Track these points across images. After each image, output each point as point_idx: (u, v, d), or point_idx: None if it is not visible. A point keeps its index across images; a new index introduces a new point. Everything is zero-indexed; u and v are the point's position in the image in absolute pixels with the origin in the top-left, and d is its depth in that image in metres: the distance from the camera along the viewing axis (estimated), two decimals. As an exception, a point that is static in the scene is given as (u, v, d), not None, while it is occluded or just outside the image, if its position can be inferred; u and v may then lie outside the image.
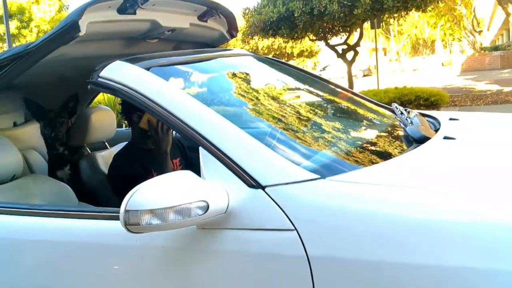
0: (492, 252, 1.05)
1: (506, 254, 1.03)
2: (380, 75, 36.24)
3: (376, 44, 13.36)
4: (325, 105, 2.21)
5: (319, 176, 1.26)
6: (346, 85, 13.33)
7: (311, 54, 38.54)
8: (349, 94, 2.36)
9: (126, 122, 2.55)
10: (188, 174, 1.27)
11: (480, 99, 12.19)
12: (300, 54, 38.31)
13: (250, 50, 26.77)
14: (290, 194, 1.24)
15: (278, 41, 20.32)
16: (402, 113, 2.07)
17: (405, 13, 11.55)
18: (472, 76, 21.75)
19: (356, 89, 11.91)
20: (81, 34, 1.64)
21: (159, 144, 2.14)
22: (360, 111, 2.21)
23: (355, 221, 1.17)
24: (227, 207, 1.25)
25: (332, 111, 2.11)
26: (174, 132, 2.23)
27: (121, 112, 2.30)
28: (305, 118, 1.91)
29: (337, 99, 2.27)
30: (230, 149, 1.33)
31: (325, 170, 1.33)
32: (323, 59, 43.01)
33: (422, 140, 1.64)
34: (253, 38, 13.49)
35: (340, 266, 1.16)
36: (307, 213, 1.21)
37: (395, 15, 11.89)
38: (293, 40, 13.60)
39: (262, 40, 18.47)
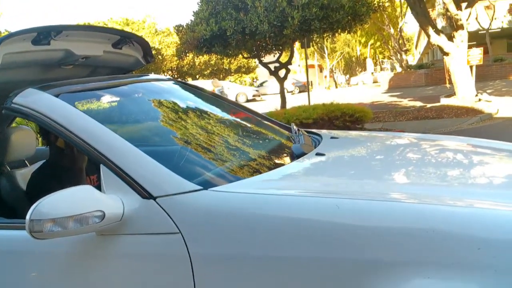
0: (346, 244, 1.31)
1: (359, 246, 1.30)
2: (316, 91, 37.12)
3: (306, 63, 13.92)
4: (222, 124, 2.46)
5: (202, 188, 1.51)
6: (279, 101, 13.80)
7: (248, 70, 39.30)
8: (250, 115, 2.65)
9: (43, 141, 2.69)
10: (87, 187, 1.47)
11: (402, 115, 12.92)
12: (238, 70, 38.94)
13: (187, 65, 26.66)
14: (177, 203, 1.47)
15: (216, 57, 20.89)
16: (296, 132, 2.37)
17: (332, 34, 12.13)
18: (398, 93, 22.98)
19: (289, 105, 12.35)
20: None
21: (75, 162, 2.30)
22: (255, 130, 2.50)
23: (230, 223, 1.42)
24: (122, 215, 1.47)
25: (227, 130, 2.38)
26: None
27: (39, 132, 2.44)
28: (200, 136, 2.18)
29: (236, 120, 2.55)
30: (126, 166, 1.55)
31: (209, 182, 1.58)
32: (262, 75, 43.80)
33: (300, 155, 1.94)
34: (187, 55, 13.67)
35: (217, 262, 1.40)
36: (190, 218, 1.45)
37: (324, 35, 12.52)
38: (227, 57, 13.87)
39: (198, 56, 18.68)
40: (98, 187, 1.56)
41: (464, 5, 14.02)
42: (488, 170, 2.02)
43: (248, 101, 30.15)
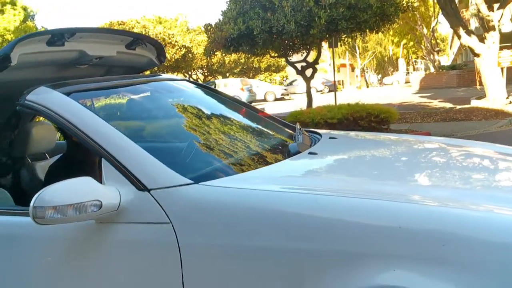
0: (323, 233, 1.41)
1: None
2: (346, 90, 36.85)
3: (334, 62, 13.90)
4: (222, 123, 2.59)
5: (193, 182, 1.63)
6: (304, 100, 13.84)
7: (278, 68, 39.40)
8: (255, 114, 2.75)
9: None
10: (87, 179, 1.61)
11: (430, 116, 12.77)
12: (268, 69, 39.07)
13: (217, 63, 26.87)
14: (169, 195, 1.60)
15: (245, 56, 21.13)
16: (298, 131, 2.46)
17: (359, 33, 12.09)
18: (429, 93, 22.67)
19: (317, 104, 12.36)
20: (12, 64, 1.97)
21: (89, 155, 2.45)
22: (256, 129, 2.61)
23: (217, 215, 1.55)
24: (119, 205, 1.61)
25: (227, 129, 2.49)
26: None
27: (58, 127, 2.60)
28: (198, 134, 2.33)
29: (238, 119, 2.67)
30: (124, 160, 1.69)
31: (201, 177, 1.69)
32: (292, 74, 43.82)
33: (295, 153, 2.05)
34: (215, 53, 13.86)
35: (203, 250, 1.53)
36: (180, 210, 1.58)
37: (352, 34, 12.49)
38: (254, 56, 13.99)
39: (227, 55, 18.90)
40: None
41: (496, 6, 13.75)
42: (461, 170, 2.10)
43: (276, 99, 30.23)
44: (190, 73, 33.92)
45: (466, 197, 1.57)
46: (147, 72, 3.21)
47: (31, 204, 1.52)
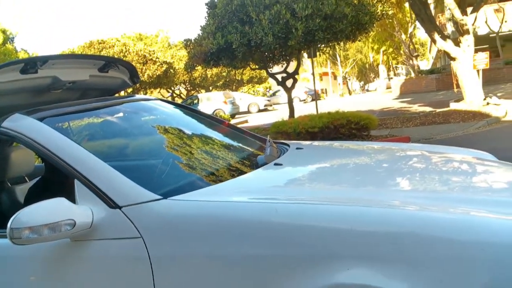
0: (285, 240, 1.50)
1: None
2: (329, 98, 37.07)
3: (313, 72, 14.10)
4: (193, 139, 2.69)
5: (161, 197, 1.73)
6: (287, 111, 13.98)
7: (260, 80, 39.64)
8: (227, 129, 2.86)
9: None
10: (61, 200, 1.69)
11: (410, 121, 12.98)
12: (250, 81, 39.30)
13: (199, 78, 26.93)
14: (139, 212, 1.69)
15: (227, 69, 21.13)
16: (268, 143, 2.56)
17: (337, 43, 12.30)
18: (409, 98, 23.02)
19: (300, 114, 12.51)
20: None
21: (66, 177, 2.52)
22: (226, 143, 2.72)
23: (184, 227, 1.64)
24: (92, 223, 1.69)
25: (197, 144, 2.59)
26: None
27: None
28: (168, 150, 2.44)
29: (209, 134, 2.78)
30: (96, 179, 1.78)
31: (169, 192, 1.78)
32: (275, 85, 44.02)
33: (262, 165, 2.16)
34: (196, 68, 13.98)
35: (172, 261, 1.61)
36: (150, 224, 1.67)
37: (329, 44, 12.70)
38: (234, 70, 14.12)
39: (207, 69, 19.01)
40: None
41: (469, 10, 14.11)
42: (410, 173, 2.26)
43: (260, 111, 30.41)
44: (172, 88, 34.00)
45: (413, 199, 1.69)
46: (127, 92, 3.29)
47: (8, 225, 1.60)
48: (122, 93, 3.67)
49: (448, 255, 1.36)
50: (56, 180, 2.62)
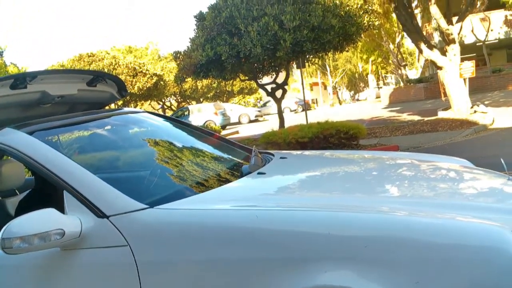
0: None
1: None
2: (320, 108, 37.20)
3: (303, 82, 14.22)
4: (179, 150, 2.77)
5: (148, 206, 1.79)
6: (278, 121, 14.09)
7: (251, 91, 39.81)
8: (214, 140, 2.93)
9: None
10: (51, 210, 1.75)
11: (398, 130, 13.12)
12: (241, 91, 39.46)
13: (190, 89, 26.98)
14: (126, 220, 1.76)
15: (217, 80, 21.06)
16: (253, 153, 2.63)
17: (324, 53, 12.45)
18: (398, 107, 23.23)
19: (290, 124, 12.61)
20: None
21: (56, 189, 2.57)
22: (212, 154, 2.79)
23: (169, 235, 1.71)
24: (80, 232, 1.75)
25: (183, 155, 2.67)
26: None
27: None
28: (155, 161, 2.52)
29: (196, 145, 2.85)
30: (84, 190, 1.84)
31: (155, 201, 1.85)
32: (266, 95, 44.16)
33: (246, 174, 2.23)
34: (185, 80, 14.06)
35: (157, 267, 1.67)
36: (136, 232, 1.74)
37: (318, 54, 12.84)
38: (224, 81, 14.22)
39: (198, 80, 19.10)
40: None
41: (455, 19, 14.34)
42: (385, 179, 2.36)
43: (250, 121, 30.53)
44: (163, 100, 34.04)
45: (390, 204, 1.77)
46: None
47: (0, 236, 1.65)
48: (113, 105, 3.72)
49: (423, 257, 1.43)
50: (46, 192, 2.67)
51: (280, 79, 14.10)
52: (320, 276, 1.46)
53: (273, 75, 14.42)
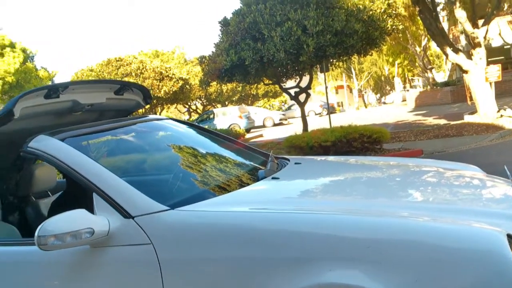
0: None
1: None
2: (345, 111, 36.98)
3: (326, 86, 14.26)
4: (201, 154, 2.93)
5: (169, 208, 1.95)
6: (301, 124, 14.17)
7: (276, 94, 39.92)
8: (233, 145, 3.09)
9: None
10: (82, 211, 1.91)
11: (423, 134, 13.03)
12: (265, 95, 39.63)
13: (215, 93, 27.25)
14: (149, 221, 1.91)
15: (242, 84, 21.22)
16: (270, 158, 2.77)
17: (348, 58, 12.48)
18: (424, 111, 23.00)
19: (314, 127, 12.68)
20: (15, 117, 2.30)
21: (85, 191, 2.75)
22: (232, 159, 2.94)
23: (188, 234, 1.86)
24: (108, 231, 1.91)
25: (204, 160, 2.82)
26: None
27: None
28: (178, 166, 2.68)
29: (215, 150, 3.01)
30: (112, 193, 2.00)
31: (176, 203, 2.00)
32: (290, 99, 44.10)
33: (262, 179, 2.41)
34: (210, 84, 14.29)
35: (178, 264, 1.83)
36: (159, 232, 1.89)
37: (343, 58, 12.87)
38: (248, 85, 14.39)
39: (222, 85, 19.37)
40: None
41: (481, 22, 14.19)
42: (395, 185, 2.48)
43: (275, 125, 30.62)
44: (189, 103, 34.49)
45: (396, 208, 1.88)
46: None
47: (36, 233, 1.83)
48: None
49: (424, 258, 1.54)
50: (76, 194, 2.85)
51: (304, 83, 14.17)
52: (324, 274, 1.58)
53: (297, 79, 14.48)
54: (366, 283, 1.53)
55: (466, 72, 13.87)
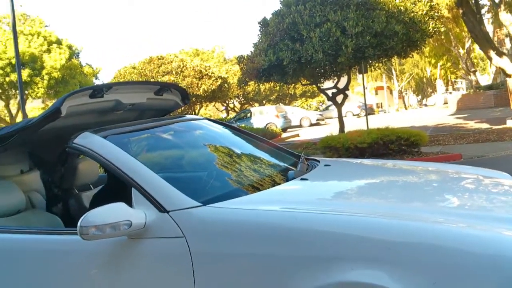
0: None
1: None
2: (384, 113, 36.40)
3: (364, 88, 14.20)
4: (235, 154, 3.03)
5: (201, 204, 2.06)
6: (338, 125, 14.14)
7: (313, 94, 39.78)
8: (265, 145, 3.19)
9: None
10: (121, 204, 2.04)
11: (463, 138, 12.78)
12: (303, 95, 39.57)
13: (253, 92, 27.38)
14: (183, 215, 2.02)
15: (280, 84, 21.25)
16: (301, 159, 2.86)
17: (387, 59, 12.38)
18: (466, 114, 22.48)
19: (352, 128, 12.64)
20: (62, 115, 2.47)
21: (125, 185, 2.91)
22: (261, 159, 3.04)
23: (219, 230, 1.96)
24: (145, 224, 2.03)
25: (237, 160, 2.92)
26: None
27: None
28: (212, 164, 2.81)
29: (249, 150, 3.12)
30: (149, 188, 2.12)
31: (208, 200, 2.11)
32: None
33: (291, 179, 2.51)
34: (248, 84, 14.45)
35: (209, 257, 1.93)
36: (192, 226, 2.00)
37: (382, 60, 12.77)
38: (285, 85, 14.45)
39: (259, 84, 19.49)
40: None
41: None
42: (423, 189, 2.53)
43: (311, 125, 30.57)
44: (227, 102, 34.83)
45: (421, 213, 1.95)
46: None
47: (78, 224, 1.97)
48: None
49: (442, 262, 1.60)
50: (116, 188, 3.01)
51: (341, 84, 14.14)
52: (346, 273, 1.66)
53: (335, 79, 14.45)
54: (386, 282, 1.60)
55: (510, 76, 13.52)
